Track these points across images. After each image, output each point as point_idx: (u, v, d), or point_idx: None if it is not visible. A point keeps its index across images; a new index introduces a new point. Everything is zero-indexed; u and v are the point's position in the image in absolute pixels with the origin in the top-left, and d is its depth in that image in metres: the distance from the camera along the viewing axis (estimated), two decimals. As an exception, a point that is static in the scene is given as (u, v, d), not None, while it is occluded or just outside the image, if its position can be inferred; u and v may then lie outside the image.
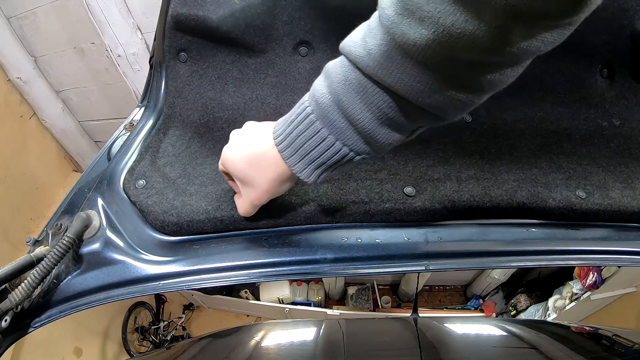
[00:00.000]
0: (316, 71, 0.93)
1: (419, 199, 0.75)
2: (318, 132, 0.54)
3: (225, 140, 0.87)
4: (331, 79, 0.52)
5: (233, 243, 0.71)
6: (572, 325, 1.20)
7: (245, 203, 0.66)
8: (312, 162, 0.56)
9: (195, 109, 0.90)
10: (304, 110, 0.55)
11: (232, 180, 0.67)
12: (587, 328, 1.06)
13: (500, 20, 0.37)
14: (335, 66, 0.53)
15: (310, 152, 0.55)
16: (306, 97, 0.56)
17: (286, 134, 0.57)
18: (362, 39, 0.49)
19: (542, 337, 0.91)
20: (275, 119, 0.94)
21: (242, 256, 0.69)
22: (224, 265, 0.69)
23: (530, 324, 1.28)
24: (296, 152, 0.56)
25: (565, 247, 0.74)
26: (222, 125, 0.89)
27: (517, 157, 0.82)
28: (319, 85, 0.54)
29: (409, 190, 0.76)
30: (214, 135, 0.88)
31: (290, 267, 0.68)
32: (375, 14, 0.47)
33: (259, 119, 0.91)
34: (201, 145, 0.85)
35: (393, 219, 0.74)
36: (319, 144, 0.55)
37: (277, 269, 0.68)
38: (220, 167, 0.66)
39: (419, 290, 3.84)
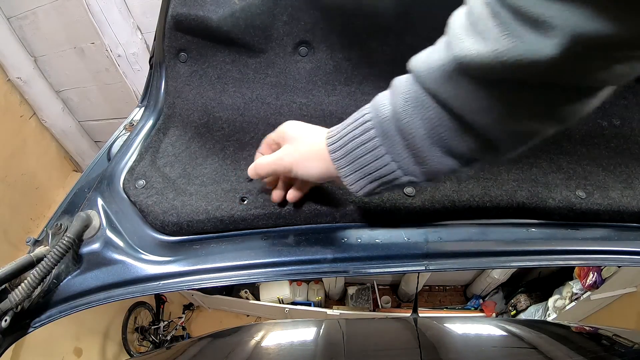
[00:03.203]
0: (316, 71, 0.93)
1: (418, 199, 0.75)
2: (371, 140, 0.53)
3: (225, 140, 0.88)
4: (394, 91, 0.51)
5: (233, 243, 0.71)
6: (572, 325, 1.20)
7: (274, 156, 0.64)
8: (359, 170, 0.55)
9: (195, 109, 0.90)
10: (362, 116, 0.54)
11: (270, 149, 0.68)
12: (587, 328, 1.06)
13: (566, 45, 0.35)
14: (400, 80, 0.52)
15: (359, 159, 0.54)
16: (368, 105, 0.55)
17: (340, 135, 0.55)
18: (427, 54, 0.48)
19: (542, 337, 0.91)
20: (275, 119, 0.94)
21: (242, 256, 0.69)
22: (224, 265, 0.69)
23: (530, 324, 1.28)
24: (346, 155, 0.55)
25: (565, 247, 0.74)
26: (222, 125, 0.89)
27: (516, 156, 0.82)
28: (382, 96, 0.53)
29: (408, 190, 0.76)
30: (214, 135, 0.88)
31: (290, 267, 0.68)
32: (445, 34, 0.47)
33: (259, 118, 0.92)
34: (201, 145, 0.85)
35: (393, 219, 0.74)
36: (369, 152, 0.53)
37: (277, 269, 0.68)
38: (272, 134, 0.66)
39: (419, 290, 3.84)
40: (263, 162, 0.65)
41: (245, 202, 0.72)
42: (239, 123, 0.90)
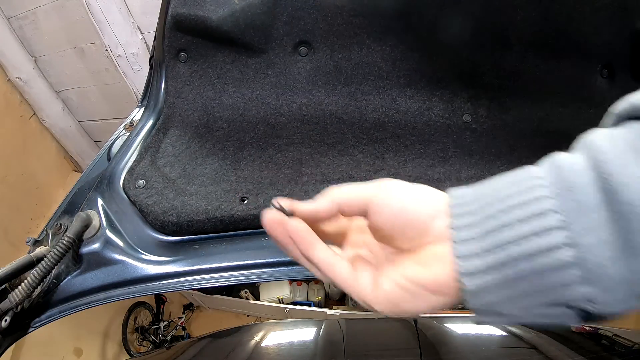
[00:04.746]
0: (316, 71, 0.93)
1: None
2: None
3: (225, 140, 0.87)
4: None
5: (233, 243, 0.71)
6: (572, 325, 1.19)
7: (364, 286, 0.36)
8: (496, 247, 0.29)
9: (195, 109, 0.90)
10: (533, 179, 0.29)
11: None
12: (587, 328, 1.06)
13: None
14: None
15: (504, 232, 0.29)
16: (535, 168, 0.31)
17: (475, 198, 0.32)
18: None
19: (542, 337, 0.90)
20: (275, 119, 0.94)
21: (242, 256, 0.69)
22: (224, 265, 0.69)
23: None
24: (478, 224, 0.30)
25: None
26: (222, 125, 0.89)
27: (517, 157, 0.82)
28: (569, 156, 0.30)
29: None
30: (214, 135, 0.88)
31: (290, 267, 0.68)
32: None
33: (259, 118, 0.91)
34: (201, 145, 0.85)
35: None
36: (524, 220, 0.29)
37: (277, 269, 0.68)
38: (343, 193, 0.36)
39: (419, 290, 3.81)
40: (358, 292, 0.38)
41: (246, 202, 0.72)
42: (239, 123, 0.90)
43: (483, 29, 0.97)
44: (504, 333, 0.93)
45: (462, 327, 1.00)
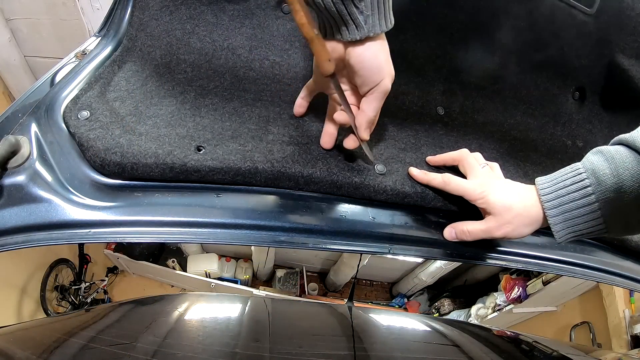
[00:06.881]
0: (295, 31, 0.87)
1: (389, 179, 0.71)
2: (590, 205, 0.56)
3: (186, 84, 0.79)
4: (616, 163, 0.55)
5: (181, 196, 0.64)
6: (493, 328, 1.26)
7: (483, 226, 0.66)
8: (571, 226, 0.59)
9: (158, 46, 0.81)
10: (581, 180, 0.57)
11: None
12: (509, 333, 1.10)
13: None
14: (621, 153, 0.55)
15: (575, 219, 0.58)
16: (581, 169, 0.58)
17: (557, 195, 0.60)
18: None
19: (464, 336, 0.92)
20: (244, 73, 0.87)
21: (190, 212, 0.63)
22: (167, 219, 0.62)
23: (458, 324, 1.33)
24: (562, 214, 0.59)
25: (519, 250, 0.77)
26: (186, 69, 0.81)
27: (485, 157, 0.80)
28: (599, 162, 0.56)
29: (379, 167, 0.72)
30: (175, 77, 0.79)
31: (242, 231, 0.62)
32: None
33: (227, 69, 0.84)
34: (159, 86, 0.76)
35: (360, 195, 0.70)
36: (586, 215, 0.57)
37: (227, 231, 0.62)
38: (480, 191, 0.66)
39: (347, 281, 3.88)
40: (472, 230, 0.67)
41: (202, 151, 0.65)
42: (204, 70, 0.82)
43: (471, 26, 0.97)
44: (429, 329, 0.94)
45: (392, 320, 1.02)
